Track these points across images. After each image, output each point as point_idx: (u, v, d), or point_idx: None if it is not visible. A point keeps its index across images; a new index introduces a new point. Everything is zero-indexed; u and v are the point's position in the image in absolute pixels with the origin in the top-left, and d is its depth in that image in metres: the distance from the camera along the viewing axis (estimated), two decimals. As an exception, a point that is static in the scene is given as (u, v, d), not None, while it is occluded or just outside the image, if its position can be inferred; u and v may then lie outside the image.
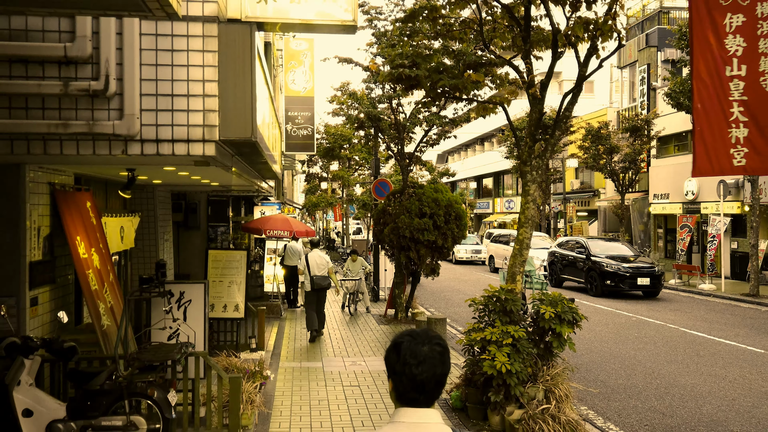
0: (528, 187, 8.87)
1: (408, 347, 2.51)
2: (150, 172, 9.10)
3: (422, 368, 2.48)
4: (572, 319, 8.48)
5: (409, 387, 2.49)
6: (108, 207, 10.79)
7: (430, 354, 2.50)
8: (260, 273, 19.54)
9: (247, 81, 6.03)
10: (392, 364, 2.54)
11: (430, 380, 2.49)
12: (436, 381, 2.51)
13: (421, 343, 2.52)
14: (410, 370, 2.48)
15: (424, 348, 2.51)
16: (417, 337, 2.54)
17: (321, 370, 11.61)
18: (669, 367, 12.19)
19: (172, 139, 5.89)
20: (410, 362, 2.48)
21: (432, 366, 2.49)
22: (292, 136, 23.26)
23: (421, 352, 2.50)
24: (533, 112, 8.77)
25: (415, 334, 2.57)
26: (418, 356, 2.49)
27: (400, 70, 7.85)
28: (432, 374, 2.49)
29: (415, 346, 2.51)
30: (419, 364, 2.48)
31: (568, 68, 39.95)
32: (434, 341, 2.54)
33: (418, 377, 2.47)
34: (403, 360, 2.50)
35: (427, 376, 2.48)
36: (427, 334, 2.57)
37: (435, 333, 2.61)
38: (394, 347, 2.55)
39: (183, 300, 8.90)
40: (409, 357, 2.49)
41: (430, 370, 2.49)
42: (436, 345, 2.54)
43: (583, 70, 8.72)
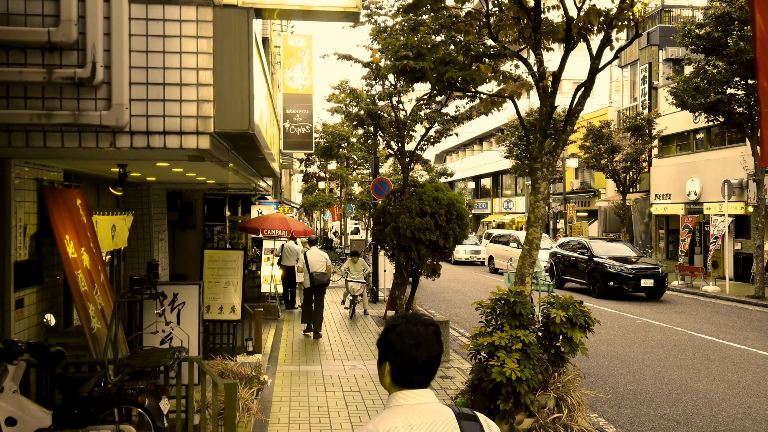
0: (538, 184, 8.49)
1: (405, 329, 2.54)
2: (143, 168, 8.71)
3: (421, 349, 2.51)
4: (584, 323, 8.11)
5: (410, 368, 2.51)
6: (100, 205, 10.42)
7: (426, 334, 2.53)
8: (257, 273, 19.14)
9: (244, 69, 5.64)
10: (391, 346, 2.55)
11: (429, 360, 2.52)
12: (434, 361, 2.54)
13: (416, 324, 2.55)
14: (410, 351, 2.50)
15: (422, 329, 2.54)
16: (412, 320, 2.57)
17: (320, 374, 11.23)
18: (679, 372, 11.81)
19: (163, 131, 5.49)
20: (410, 343, 2.51)
21: (430, 346, 2.52)
22: (290, 134, 22.92)
23: (419, 333, 2.53)
24: (544, 106, 8.39)
25: (409, 316, 2.60)
26: (418, 337, 2.52)
27: (405, 61, 7.45)
28: (429, 355, 2.52)
29: (412, 327, 2.54)
30: (418, 345, 2.51)
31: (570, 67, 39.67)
32: (428, 323, 2.57)
33: (418, 358, 2.50)
34: (402, 341, 2.51)
35: (426, 356, 2.51)
36: (419, 317, 2.60)
37: (427, 316, 2.65)
38: (391, 329, 2.57)
39: (176, 302, 8.51)
40: (408, 338, 2.51)
41: (428, 350, 2.52)
42: (431, 326, 2.57)
43: (596, 63, 8.34)
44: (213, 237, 18.41)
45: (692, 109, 23.33)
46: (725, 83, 22.15)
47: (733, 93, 22.36)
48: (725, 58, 21.69)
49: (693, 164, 31.14)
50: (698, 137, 31.64)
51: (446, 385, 10.47)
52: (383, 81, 17.74)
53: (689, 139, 32.25)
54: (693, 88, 22.81)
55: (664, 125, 32.25)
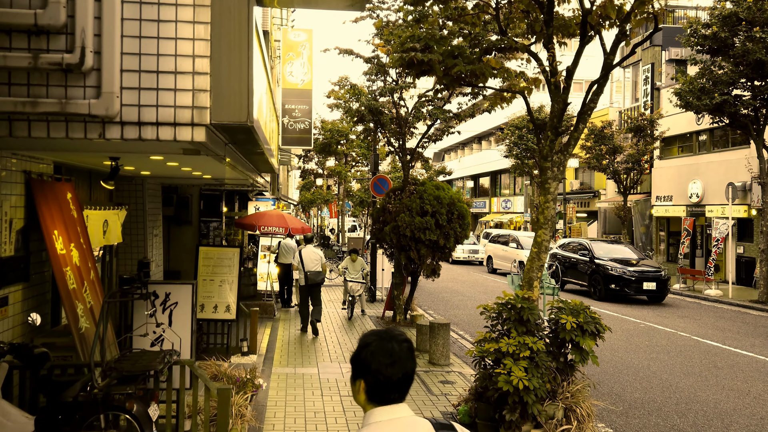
0: (548, 184, 8.14)
1: (379, 347, 2.50)
2: (136, 161, 8.36)
3: (397, 367, 2.47)
4: (595, 330, 7.77)
5: (385, 387, 2.47)
6: (92, 199, 10.07)
7: (400, 351, 2.50)
8: (253, 271, 18.78)
9: (243, 58, 5.29)
10: (365, 365, 2.51)
11: (404, 377, 2.50)
12: (408, 377, 2.52)
13: (390, 341, 2.52)
14: (385, 370, 2.47)
15: (395, 346, 2.51)
16: (385, 337, 2.54)
17: (317, 377, 10.88)
18: (687, 380, 11.48)
19: (156, 122, 5.14)
20: (385, 362, 2.47)
21: (404, 363, 2.49)
22: (289, 129, 22.58)
23: (393, 350, 2.49)
24: (556, 103, 8.05)
25: (382, 333, 2.57)
26: (393, 355, 2.48)
27: (412, 54, 7.09)
28: (405, 372, 2.49)
29: (385, 344, 2.51)
30: (393, 364, 2.47)
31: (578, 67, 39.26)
32: (400, 338, 2.55)
33: (394, 376, 2.47)
34: (377, 360, 2.48)
35: (402, 374, 2.49)
36: (391, 333, 2.57)
37: (398, 330, 2.62)
38: (365, 348, 2.53)
39: (168, 302, 8.14)
40: (382, 357, 2.48)
41: (403, 367, 2.49)
42: (404, 342, 2.54)
43: (611, 58, 7.99)
44: (209, 233, 18.05)
45: (697, 110, 22.97)
46: (731, 84, 21.81)
47: (739, 94, 22.01)
48: (731, 58, 21.34)
49: (695, 166, 30.82)
50: (701, 139, 31.32)
51: (447, 391, 10.13)
52: (385, 77, 17.42)
53: (692, 140, 31.93)
54: (698, 89, 22.45)
55: (667, 126, 31.93)
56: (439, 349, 12.01)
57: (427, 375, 11.14)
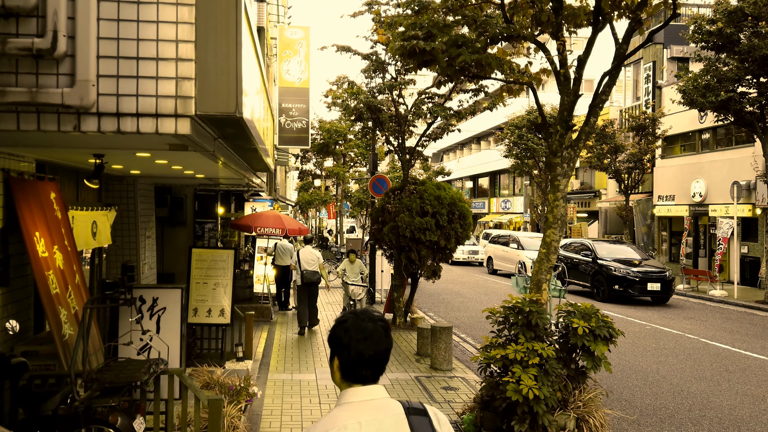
0: (558, 181, 7.72)
1: (353, 324, 2.55)
2: (122, 159, 7.94)
3: (369, 343, 2.51)
4: (607, 335, 7.35)
5: (357, 363, 2.51)
6: (79, 199, 9.65)
7: (374, 329, 2.54)
8: (250, 273, 18.35)
9: (231, 43, 4.87)
10: (338, 341, 2.55)
11: (377, 354, 2.52)
12: (381, 355, 2.54)
13: (363, 320, 2.56)
14: (357, 345, 2.50)
15: (369, 324, 2.55)
16: (360, 315, 2.59)
17: (314, 384, 10.46)
18: (698, 385, 11.06)
19: (136, 112, 4.71)
20: (357, 337, 2.51)
21: (377, 341, 2.53)
22: (286, 129, 22.19)
23: (366, 327, 2.53)
24: (566, 96, 7.63)
25: (359, 312, 2.62)
26: (365, 332, 2.52)
27: (413, 42, 6.67)
28: (377, 349, 2.52)
29: (360, 323, 2.55)
30: (365, 339, 2.51)
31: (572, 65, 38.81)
32: (376, 318, 2.59)
33: (365, 352, 2.50)
34: (349, 336, 2.52)
35: (373, 351, 2.51)
36: (369, 313, 2.62)
37: (376, 312, 2.66)
38: (340, 324, 2.58)
39: (156, 307, 7.69)
40: (355, 333, 2.52)
41: (376, 344, 2.52)
42: (379, 321, 2.58)
43: (623, 48, 7.58)
44: (204, 234, 17.67)
45: (702, 107, 22.57)
46: (737, 81, 21.39)
47: (745, 91, 21.60)
48: (737, 55, 20.93)
49: (698, 165, 30.41)
50: (704, 137, 30.92)
51: (450, 398, 9.70)
52: (383, 74, 17.01)
53: (694, 139, 31.53)
54: (703, 86, 22.03)
55: (669, 125, 31.53)
56: (441, 354, 11.60)
57: (429, 381, 10.72)
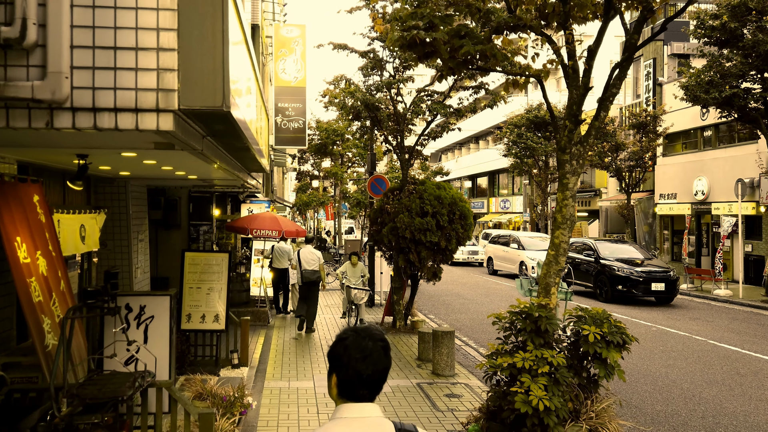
0: (566, 179, 7.33)
1: (353, 342, 2.52)
2: (108, 159, 7.55)
3: (368, 362, 2.49)
4: (621, 341, 6.96)
5: (354, 381, 2.49)
6: (66, 202, 9.26)
7: (373, 348, 2.52)
8: (246, 276, 17.96)
9: (217, 30, 4.49)
10: (338, 358, 2.53)
11: (375, 374, 2.51)
12: (379, 375, 2.53)
13: (364, 338, 2.54)
14: (356, 364, 2.48)
15: (369, 343, 2.52)
16: (361, 333, 2.56)
17: (312, 392, 10.07)
18: (710, 390, 10.68)
19: (114, 107, 4.33)
20: (356, 356, 2.49)
21: (377, 360, 2.51)
22: (283, 129, 21.85)
23: (366, 347, 2.51)
24: (574, 89, 7.25)
25: (359, 330, 2.59)
26: (365, 351, 2.50)
27: (414, 32, 6.29)
28: (375, 369, 2.50)
29: (360, 341, 2.52)
30: (364, 359, 2.49)
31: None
32: (377, 338, 2.56)
33: (363, 372, 2.48)
34: (348, 355, 2.50)
35: (372, 371, 2.50)
36: (370, 331, 2.59)
37: (377, 329, 2.64)
38: (340, 342, 2.56)
39: (144, 316, 7.29)
40: (354, 352, 2.50)
41: (374, 364, 2.50)
42: (380, 341, 2.56)
43: (634, 38, 7.21)
44: (199, 237, 17.29)
45: (705, 104, 22.18)
46: (741, 77, 21.01)
47: (749, 87, 21.22)
48: (740, 50, 20.55)
49: (700, 163, 30.05)
50: (706, 134, 30.54)
51: (454, 406, 9.31)
52: (381, 72, 16.64)
53: (696, 136, 31.16)
54: (706, 82, 21.65)
55: (670, 122, 31.16)
56: (443, 359, 11.22)
57: (431, 388, 10.34)
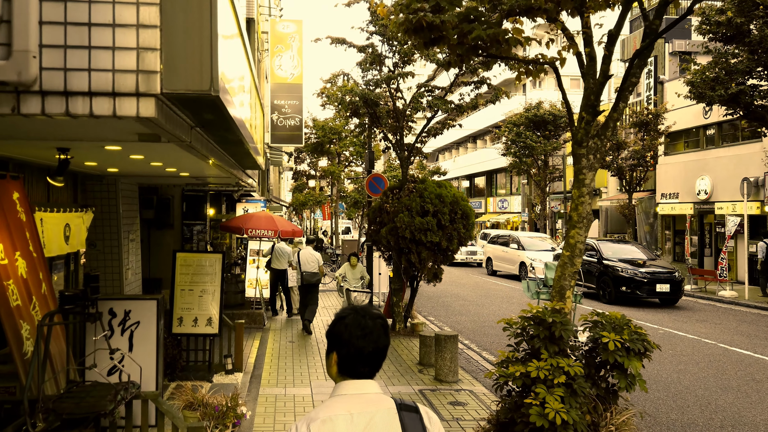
0: (583, 175, 6.85)
1: (353, 320, 2.55)
2: (93, 154, 7.07)
3: (368, 340, 2.52)
4: (642, 349, 6.49)
5: (356, 358, 2.52)
6: (51, 200, 8.78)
7: (373, 326, 2.55)
8: (241, 277, 17.47)
9: (204, 5, 4.01)
10: (338, 336, 2.55)
11: (375, 351, 2.54)
12: (380, 352, 2.56)
13: (364, 317, 2.56)
14: (357, 341, 2.51)
15: (369, 321, 2.55)
16: (360, 312, 2.59)
17: (310, 399, 9.59)
18: (726, 397, 10.21)
19: (89, 91, 3.85)
20: (357, 334, 2.52)
21: (377, 338, 2.54)
22: (279, 126, 21.37)
23: (366, 324, 2.54)
24: (591, 78, 6.78)
25: (358, 309, 2.62)
26: (365, 329, 2.53)
27: (420, 15, 5.82)
28: (376, 346, 2.54)
29: (360, 319, 2.55)
30: (365, 336, 2.52)
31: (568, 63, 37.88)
32: (375, 316, 2.59)
33: (365, 349, 2.51)
34: (349, 332, 2.52)
35: (373, 348, 2.53)
36: (369, 310, 2.61)
37: (374, 308, 2.68)
38: (340, 321, 2.58)
39: (128, 321, 6.80)
40: (355, 329, 2.53)
41: (375, 342, 2.53)
42: (378, 319, 2.59)
43: (655, 24, 6.75)
44: (192, 237, 16.80)
45: (710, 101, 21.69)
46: (747, 73, 20.56)
47: (756, 84, 20.76)
48: (747, 46, 20.10)
49: (703, 161, 29.62)
50: (708, 133, 30.11)
51: (459, 415, 8.83)
52: (380, 67, 16.17)
53: (698, 135, 30.74)
54: (711, 78, 21.18)
55: (672, 121, 30.73)
56: (446, 365, 10.74)
57: (434, 395, 9.86)
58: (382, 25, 15.12)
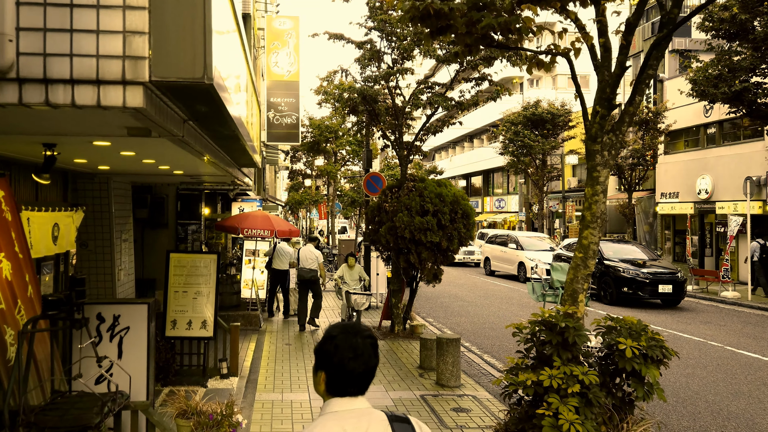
0: (597, 172, 6.52)
1: (343, 340, 2.50)
2: (81, 150, 6.74)
3: (359, 361, 2.48)
4: (660, 356, 6.17)
5: (345, 380, 2.48)
6: (39, 199, 8.45)
7: (363, 346, 2.50)
8: (237, 278, 17.12)
9: (197, -15, 3.68)
10: (328, 357, 2.50)
11: (366, 372, 2.50)
12: (370, 372, 2.52)
13: (354, 336, 2.52)
14: (347, 363, 2.47)
15: (359, 340, 2.51)
16: (350, 330, 2.54)
17: (308, 406, 9.24)
18: (737, 403, 9.89)
19: (70, 78, 3.52)
20: (348, 356, 2.47)
21: (367, 359, 2.50)
22: (275, 124, 21.02)
23: (357, 345, 2.49)
24: (606, 69, 6.46)
25: (347, 327, 2.56)
26: (356, 350, 2.48)
27: (427, 1, 5.49)
28: (367, 367, 2.50)
29: (350, 339, 2.50)
30: (356, 358, 2.47)
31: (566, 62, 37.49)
32: (365, 333, 2.55)
33: (355, 370, 2.47)
34: (340, 354, 2.47)
35: (363, 369, 2.49)
36: (357, 327, 2.57)
37: (364, 325, 2.62)
38: (329, 340, 2.53)
39: (117, 327, 6.44)
40: (346, 351, 2.47)
41: (365, 363, 2.49)
42: (368, 338, 2.54)
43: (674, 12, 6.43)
44: (187, 237, 16.45)
45: (713, 99, 21.40)
46: (751, 71, 20.25)
47: (760, 81, 20.46)
48: (751, 43, 19.79)
49: (704, 160, 29.34)
50: (709, 132, 29.82)
51: (463, 422, 8.50)
52: (379, 64, 15.84)
53: (699, 133, 30.45)
54: (714, 76, 20.88)
55: (672, 119, 30.45)
56: (448, 369, 10.42)
57: (436, 401, 9.53)
58: (381, 21, 14.81)
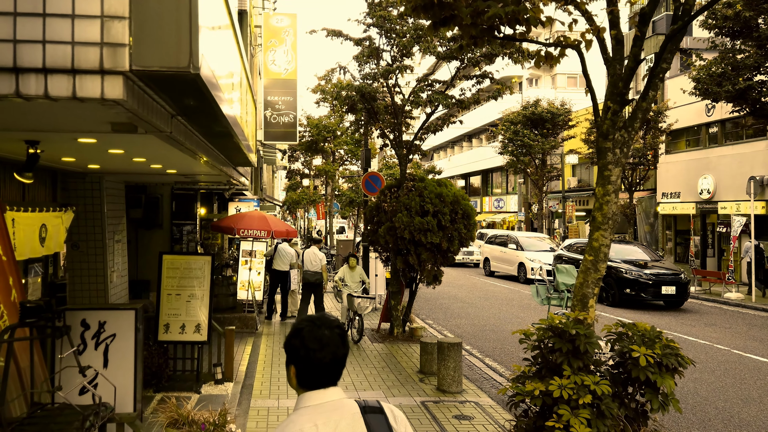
0: (608, 171, 6.21)
1: (309, 332, 2.51)
2: (67, 148, 6.43)
3: (326, 352, 2.49)
4: (675, 365, 5.86)
5: (314, 371, 2.49)
6: (27, 198, 8.15)
7: (331, 336, 2.51)
8: (233, 279, 16.81)
9: (182, -35, 3.37)
10: (295, 351, 2.52)
11: (334, 362, 2.51)
12: (339, 362, 2.53)
13: (320, 327, 2.52)
14: (314, 354, 2.48)
15: (326, 332, 2.52)
16: (317, 322, 2.55)
17: (305, 412, 8.91)
18: (748, 409, 9.59)
19: (43, 67, 3.21)
20: (314, 347, 2.48)
21: (335, 349, 2.51)
22: (272, 123, 20.68)
23: (323, 336, 2.50)
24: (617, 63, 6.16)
25: (315, 318, 2.57)
26: (322, 340, 2.49)
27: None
28: (335, 356, 2.51)
29: (316, 331, 2.51)
30: (323, 348, 2.49)
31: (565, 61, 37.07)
32: (333, 325, 2.55)
33: (323, 360, 2.48)
34: (306, 346, 2.49)
35: (331, 359, 2.50)
36: (325, 319, 2.57)
37: (332, 317, 2.61)
38: (296, 333, 2.53)
39: (103, 334, 6.11)
40: (312, 343, 2.49)
41: (333, 353, 2.50)
42: (336, 328, 2.55)
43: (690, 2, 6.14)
44: (182, 237, 16.13)
45: (716, 97, 21.09)
46: (755, 69, 19.95)
47: (764, 80, 20.16)
48: (755, 41, 19.49)
49: (706, 160, 29.04)
50: (711, 131, 29.52)
51: (466, 430, 8.18)
52: (377, 61, 15.55)
53: (701, 133, 30.15)
54: (718, 74, 20.58)
55: (674, 119, 30.15)
56: (450, 374, 10.11)
57: (437, 407, 9.21)
58: (380, 17, 14.52)
